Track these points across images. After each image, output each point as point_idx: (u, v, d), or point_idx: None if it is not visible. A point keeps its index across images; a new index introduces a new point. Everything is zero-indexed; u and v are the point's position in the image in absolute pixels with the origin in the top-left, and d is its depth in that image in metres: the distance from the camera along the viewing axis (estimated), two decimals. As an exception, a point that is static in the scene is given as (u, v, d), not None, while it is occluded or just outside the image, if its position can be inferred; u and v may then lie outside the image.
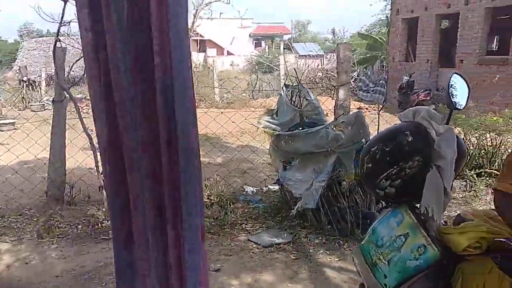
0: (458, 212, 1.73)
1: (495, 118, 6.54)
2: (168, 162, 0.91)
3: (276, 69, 17.95)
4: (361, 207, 3.90)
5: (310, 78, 16.47)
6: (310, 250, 3.58)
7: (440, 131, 1.56)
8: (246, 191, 4.83)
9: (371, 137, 3.85)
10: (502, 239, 1.38)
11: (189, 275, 0.96)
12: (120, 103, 0.90)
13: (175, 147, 0.90)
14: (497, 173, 5.34)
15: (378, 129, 4.10)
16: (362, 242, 1.65)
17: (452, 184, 1.59)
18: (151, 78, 0.89)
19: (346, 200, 3.87)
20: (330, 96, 8.77)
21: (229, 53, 33.51)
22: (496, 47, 14.57)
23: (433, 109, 1.84)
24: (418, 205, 1.52)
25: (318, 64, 21.39)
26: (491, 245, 1.39)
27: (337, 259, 3.44)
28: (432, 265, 1.43)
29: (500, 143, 5.72)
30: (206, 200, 4.28)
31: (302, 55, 26.81)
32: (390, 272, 1.47)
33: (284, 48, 31.08)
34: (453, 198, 5.05)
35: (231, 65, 28.64)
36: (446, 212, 3.17)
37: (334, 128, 4.02)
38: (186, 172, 0.92)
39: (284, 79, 11.49)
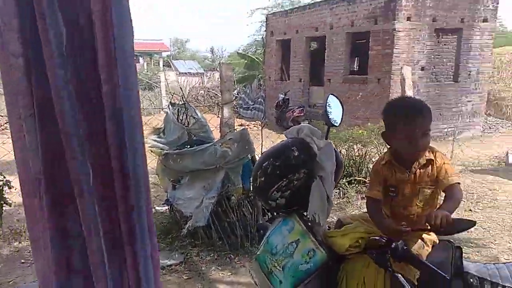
0: (336, 217, 1.94)
1: (360, 131, 7.36)
2: (122, 188, 0.91)
3: (157, 86, 17.68)
4: (249, 220, 4.07)
5: (192, 95, 16.56)
6: (203, 268, 3.61)
7: (321, 146, 1.75)
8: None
9: (255, 153, 4.07)
10: (376, 238, 1.60)
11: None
12: (64, 131, 0.86)
13: (127, 174, 0.90)
14: (365, 180, 6.03)
15: (261, 144, 4.35)
16: (258, 253, 1.75)
17: (333, 194, 1.78)
18: (99, 105, 0.87)
19: (235, 214, 4.00)
20: (215, 114, 8.97)
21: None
22: (357, 68, 16.39)
23: (308, 123, 2.05)
24: (305, 213, 1.68)
25: (199, 82, 21.60)
26: (368, 244, 1.59)
27: (229, 274, 3.53)
28: (320, 267, 1.59)
29: (365, 154, 6.46)
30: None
31: (182, 73, 26.82)
32: (285, 277, 1.59)
33: (163, 65, 30.76)
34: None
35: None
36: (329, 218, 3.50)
37: (222, 145, 4.14)
38: (139, 197, 0.93)
39: (169, 96, 11.38)
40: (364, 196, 5.75)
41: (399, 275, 1.49)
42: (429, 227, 1.46)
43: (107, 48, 0.86)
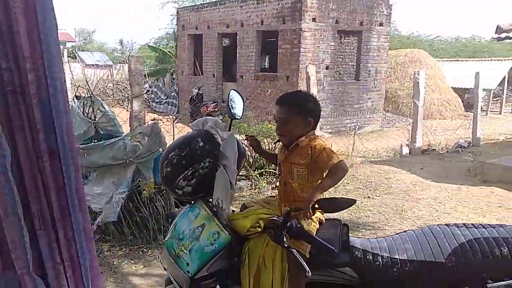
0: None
1: (270, 126, 7.69)
2: (52, 170, 0.97)
3: (61, 80, 16.57)
4: (162, 214, 4.09)
5: (100, 88, 15.82)
6: (115, 263, 3.57)
7: (224, 137, 1.88)
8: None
9: (166, 147, 4.09)
10: (274, 218, 1.77)
11: (83, 272, 1.06)
12: None
13: (57, 156, 0.96)
14: (275, 172, 6.34)
15: (173, 138, 4.39)
16: (166, 239, 1.84)
17: (236, 179, 1.92)
18: (26, 93, 0.92)
19: (147, 208, 4.00)
20: (124, 108, 8.72)
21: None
22: (268, 65, 16.90)
23: (221, 119, 2.18)
24: (210, 199, 1.80)
25: (108, 75, 20.66)
26: (267, 224, 1.76)
27: (142, 267, 3.54)
28: (225, 247, 1.72)
29: (275, 147, 6.77)
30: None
31: (89, 65, 25.41)
32: (191, 259, 1.70)
33: (68, 56, 28.86)
34: (242, 196, 5.75)
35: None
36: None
37: (131, 139, 4.10)
38: (70, 177, 1.00)
39: (74, 89, 10.77)
40: (273, 187, 6.06)
41: (294, 250, 1.68)
42: (317, 207, 1.67)
43: (31, 38, 0.91)
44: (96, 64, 25.18)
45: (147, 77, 17.91)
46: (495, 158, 7.84)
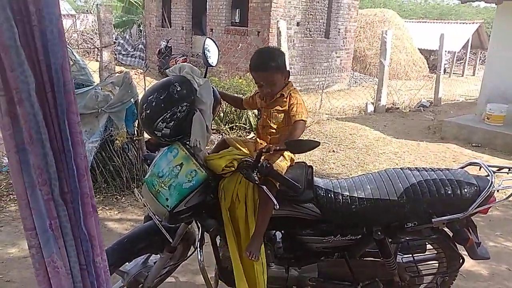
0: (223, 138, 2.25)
1: (240, 80, 7.76)
2: (54, 102, 1.05)
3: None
4: (134, 163, 4.19)
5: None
6: (89, 208, 3.68)
7: (200, 83, 1.98)
8: (5, 163, 4.42)
9: (138, 97, 4.13)
10: (246, 158, 1.93)
11: (74, 207, 1.13)
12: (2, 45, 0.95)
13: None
14: (245, 126, 6.49)
15: (145, 89, 4.41)
16: (146, 177, 1.97)
17: (211, 125, 2.05)
18: (30, 22, 0.98)
19: (119, 158, 4.09)
20: (92, 59, 8.50)
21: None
22: (239, 19, 16.63)
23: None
24: (188, 141, 1.93)
25: (72, 25, 19.76)
26: (240, 164, 1.92)
27: (117, 212, 3.67)
28: (201, 184, 1.87)
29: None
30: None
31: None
32: (171, 195, 1.84)
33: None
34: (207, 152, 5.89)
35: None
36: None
37: (103, 89, 4.10)
38: (63, 110, 1.06)
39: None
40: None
41: (264, 187, 1.85)
42: (285, 148, 1.84)
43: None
44: (58, 13, 23.82)
45: (114, 28, 17.25)
46: (453, 117, 8.27)
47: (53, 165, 1.08)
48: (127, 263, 2.20)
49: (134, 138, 4.20)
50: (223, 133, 6.30)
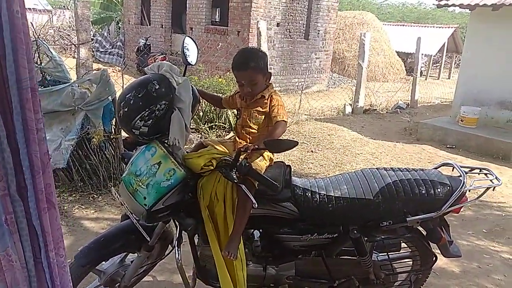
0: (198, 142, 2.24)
1: (220, 80, 7.74)
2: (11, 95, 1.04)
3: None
4: (111, 162, 4.14)
5: (40, 35, 14.84)
6: (65, 207, 3.62)
7: (179, 82, 1.97)
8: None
9: (116, 95, 4.08)
10: (225, 157, 1.94)
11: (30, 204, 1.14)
12: None
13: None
14: (225, 126, 6.49)
15: (122, 87, 4.34)
16: (123, 175, 1.95)
17: (190, 123, 2.04)
18: None
19: (96, 156, 4.03)
20: (69, 55, 8.33)
21: None
22: (219, 19, 16.58)
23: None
24: (166, 140, 1.92)
25: (48, 21, 19.31)
26: (219, 163, 1.92)
27: (93, 211, 3.62)
28: (180, 183, 1.86)
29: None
30: None
31: (27, 8, 23.50)
32: (148, 194, 1.83)
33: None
34: (190, 149, 5.87)
35: None
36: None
37: (80, 86, 4.04)
38: (18, 106, 1.06)
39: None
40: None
41: (243, 186, 1.86)
42: (264, 147, 1.85)
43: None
44: (33, 8, 23.35)
45: (91, 25, 16.95)
46: (429, 119, 8.46)
47: (10, 162, 1.09)
48: (103, 262, 2.18)
49: (111, 137, 4.15)
50: (202, 133, 6.28)
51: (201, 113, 6.50)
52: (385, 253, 2.38)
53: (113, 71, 12.45)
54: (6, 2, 1.01)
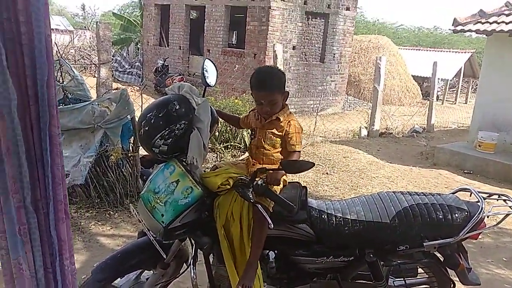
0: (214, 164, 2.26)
1: (236, 101, 7.83)
2: (36, 113, 1.10)
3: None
4: (128, 180, 4.19)
5: (61, 54, 15.27)
6: (82, 223, 3.66)
7: (199, 102, 2.02)
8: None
9: (134, 114, 4.17)
10: (242, 177, 1.95)
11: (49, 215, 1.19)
12: None
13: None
14: (240, 146, 6.53)
15: (141, 106, 4.45)
16: (142, 192, 1.98)
17: (208, 143, 2.08)
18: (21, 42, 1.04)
19: (114, 173, 4.08)
20: (90, 74, 8.55)
21: None
22: (235, 41, 16.87)
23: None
24: (184, 159, 1.95)
25: (70, 41, 19.89)
26: (236, 182, 1.94)
27: (110, 228, 3.65)
28: (197, 201, 1.89)
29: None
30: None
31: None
32: (166, 211, 1.85)
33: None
34: (207, 168, 5.91)
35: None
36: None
37: (100, 105, 4.13)
38: (45, 122, 1.11)
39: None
40: (236, 160, 6.25)
41: (259, 205, 1.87)
42: (281, 168, 1.87)
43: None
44: (56, 29, 24.09)
45: (111, 45, 17.39)
46: (446, 143, 8.37)
47: (26, 176, 1.14)
48: (119, 278, 2.19)
49: (129, 154, 4.21)
50: (218, 152, 6.33)
51: (216, 133, 6.56)
52: (402, 278, 2.34)
53: (131, 91, 12.70)
54: (37, 26, 1.07)
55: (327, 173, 6.27)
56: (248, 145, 2.26)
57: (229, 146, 6.47)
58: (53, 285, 1.24)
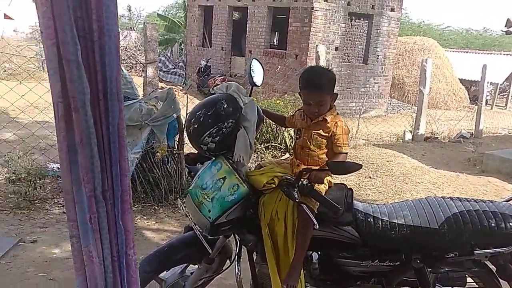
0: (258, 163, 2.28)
1: (277, 101, 7.85)
2: (105, 108, 1.15)
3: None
4: (173, 176, 4.30)
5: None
6: (127, 217, 3.78)
7: (246, 101, 2.05)
8: (53, 167, 4.63)
9: (180, 113, 4.26)
10: (287, 176, 1.96)
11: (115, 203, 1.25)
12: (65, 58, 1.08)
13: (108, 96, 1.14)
14: (281, 146, 6.54)
15: (187, 106, 4.54)
16: (190, 188, 2.03)
17: (254, 142, 2.10)
18: (92, 39, 1.10)
19: (159, 170, 4.20)
20: (136, 73, 8.82)
21: (6, 17, 28.63)
22: (277, 42, 16.89)
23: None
24: (231, 156, 1.98)
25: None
26: (281, 181, 1.95)
27: (154, 222, 3.76)
28: (243, 199, 1.91)
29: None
30: (11, 175, 3.98)
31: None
32: (213, 207, 1.89)
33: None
34: (249, 168, 5.97)
35: (14, 31, 24.76)
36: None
37: (147, 103, 4.26)
38: (114, 116, 1.17)
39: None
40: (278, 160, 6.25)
41: (304, 205, 1.87)
42: (327, 169, 1.86)
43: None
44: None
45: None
46: (495, 150, 8.01)
47: (98, 166, 1.19)
48: (165, 271, 2.25)
49: (174, 152, 4.32)
50: (259, 152, 6.36)
51: (258, 134, 6.60)
52: (449, 287, 2.27)
53: (176, 91, 13.00)
54: (108, 24, 1.12)
55: (370, 177, 6.16)
56: (292, 145, 2.26)
57: (269, 147, 6.50)
58: (118, 273, 1.30)
